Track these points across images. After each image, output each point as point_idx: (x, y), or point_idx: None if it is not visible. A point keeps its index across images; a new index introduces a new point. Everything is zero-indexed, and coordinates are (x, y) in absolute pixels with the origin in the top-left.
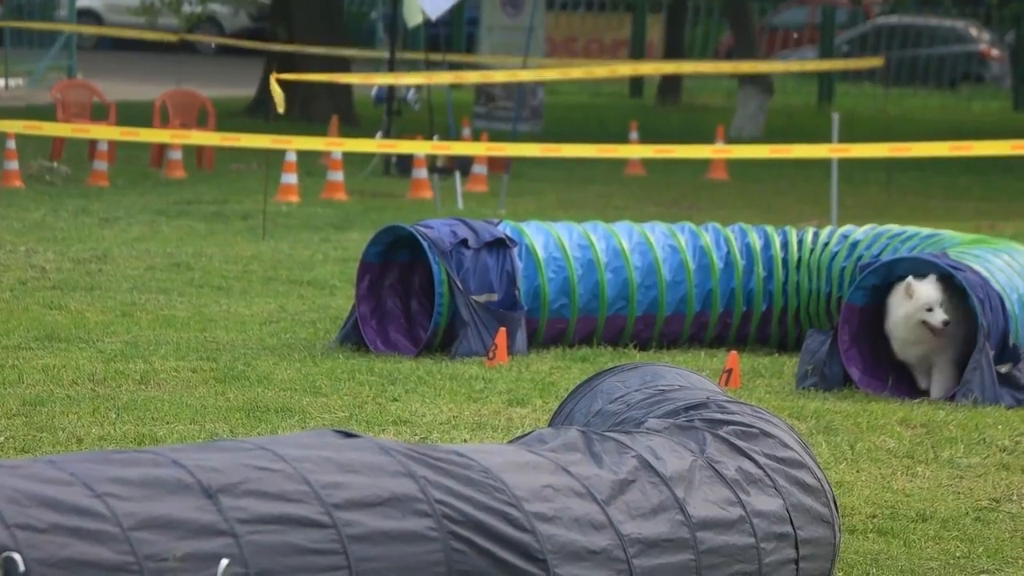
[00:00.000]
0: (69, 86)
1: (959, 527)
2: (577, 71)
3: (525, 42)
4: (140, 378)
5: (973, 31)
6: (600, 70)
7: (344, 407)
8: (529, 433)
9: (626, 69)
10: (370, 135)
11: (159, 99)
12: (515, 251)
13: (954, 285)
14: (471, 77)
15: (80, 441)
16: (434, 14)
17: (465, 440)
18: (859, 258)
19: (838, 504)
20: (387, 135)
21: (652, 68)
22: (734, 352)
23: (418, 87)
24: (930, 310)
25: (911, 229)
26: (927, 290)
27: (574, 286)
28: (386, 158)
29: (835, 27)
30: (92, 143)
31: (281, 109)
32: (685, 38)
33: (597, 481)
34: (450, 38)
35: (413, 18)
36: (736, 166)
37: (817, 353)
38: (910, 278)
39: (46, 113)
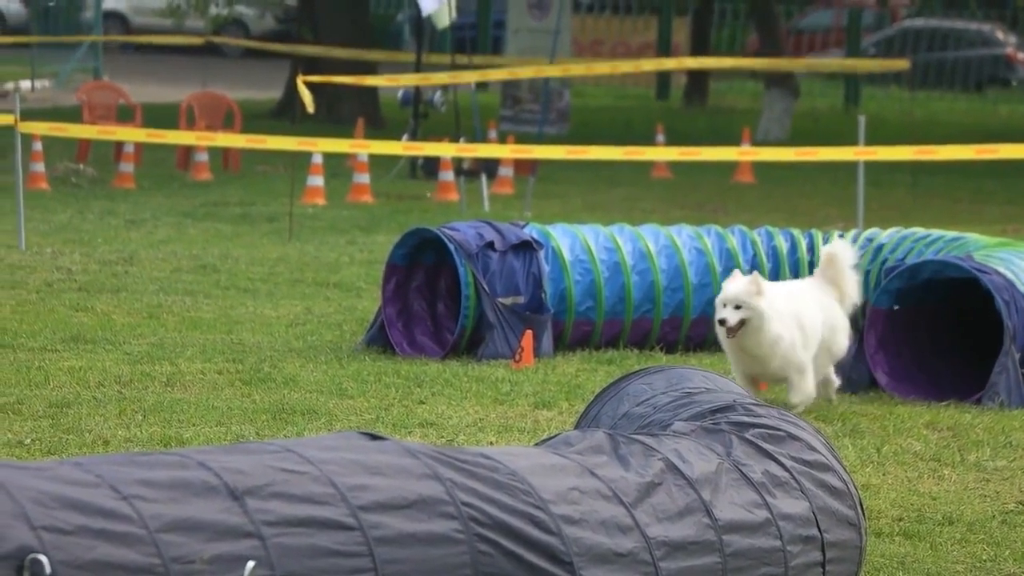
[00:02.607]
0: (95, 88)
1: (985, 530)
2: (602, 67)
3: (551, 45)
4: (166, 380)
5: (1000, 34)
6: (625, 65)
7: (370, 409)
8: (555, 436)
9: (650, 65)
10: (396, 137)
11: (185, 101)
12: (541, 254)
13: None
14: (497, 74)
15: (106, 443)
16: (427, 9)
17: (491, 443)
18: (884, 261)
19: (864, 507)
20: (413, 137)
21: (675, 63)
22: None
23: (444, 89)
24: (724, 306)
25: (936, 232)
26: (726, 286)
27: (600, 289)
28: (412, 160)
29: (861, 30)
30: (118, 145)
31: (311, 109)
32: (711, 41)
33: (623, 484)
34: (476, 41)
35: (441, 20)
36: (762, 169)
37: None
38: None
39: (72, 115)
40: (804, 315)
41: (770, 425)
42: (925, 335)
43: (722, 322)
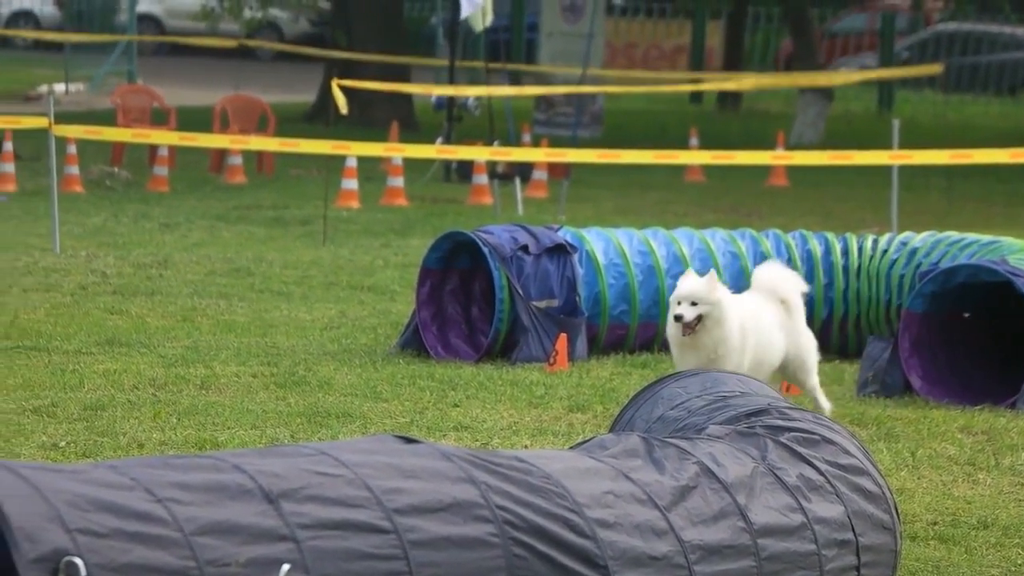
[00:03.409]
0: (129, 91)
1: (1020, 534)
2: (639, 88)
3: (585, 48)
4: (201, 383)
5: None
6: (662, 87)
7: (405, 412)
8: (590, 439)
9: (687, 87)
10: (430, 141)
11: (219, 104)
12: (575, 257)
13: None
14: (532, 91)
15: (141, 446)
16: (467, 11)
17: (526, 446)
18: (918, 265)
19: (899, 511)
20: (447, 141)
21: (712, 86)
22: None
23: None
24: (679, 304)
25: (970, 236)
26: (681, 283)
27: (634, 292)
28: (446, 164)
29: (895, 33)
30: (152, 148)
31: (344, 110)
32: (745, 45)
33: (658, 487)
34: (510, 44)
35: (478, 23)
36: (796, 172)
37: (878, 360)
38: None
39: (106, 118)
40: (750, 329)
41: (805, 429)
42: (959, 339)
43: (678, 318)
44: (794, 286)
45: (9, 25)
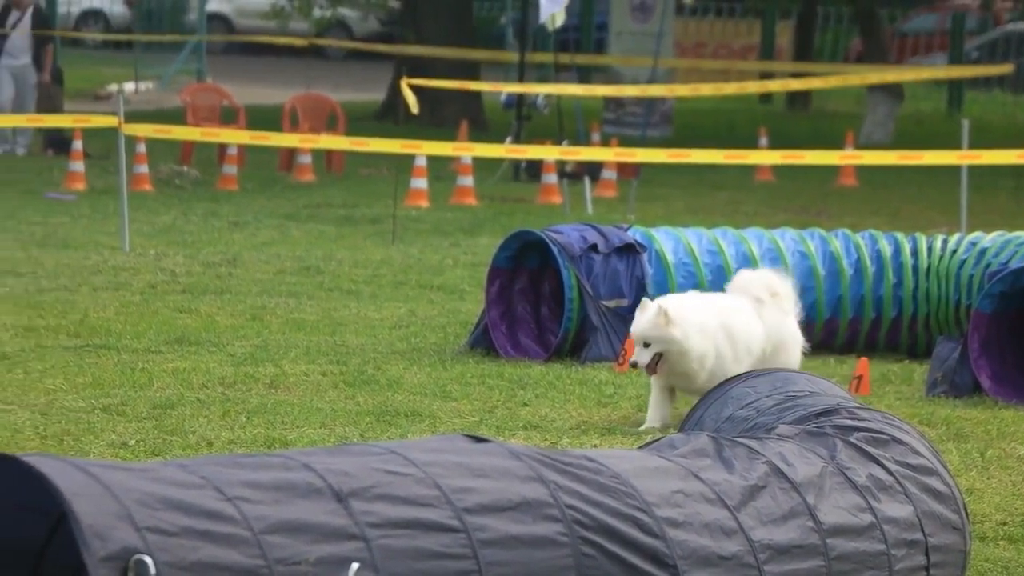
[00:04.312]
0: (199, 90)
1: None
2: (707, 88)
3: (654, 48)
4: (270, 382)
5: None
6: (729, 87)
7: (474, 412)
8: (659, 439)
9: (755, 87)
10: (499, 140)
11: (289, 103)
12: (645, 256)
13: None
14: (601, 91)
15: (210, 444)
16: (546, 13)
17: (595, 445)
18: (987, 265)
19: (968, 511)
20: (517, 140)
21: (780, 85)
22: (864, 359)
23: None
24: (635, 344)
25: None
26: (634, 322)
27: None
28: (516, 163)
29: (965, 33)
30: (222, 147)
31: (415, 110)
32: (815, 44)
33: (727, 487)
34: (579, 43)
35: (555, 22)
36: (865, 172)
37: (947, 361)
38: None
39: (176, 117)
40: (737, 327)
41: (874, 429)
42: None
43: (634, 365)
44: (766, 285)
45: (79, 24)
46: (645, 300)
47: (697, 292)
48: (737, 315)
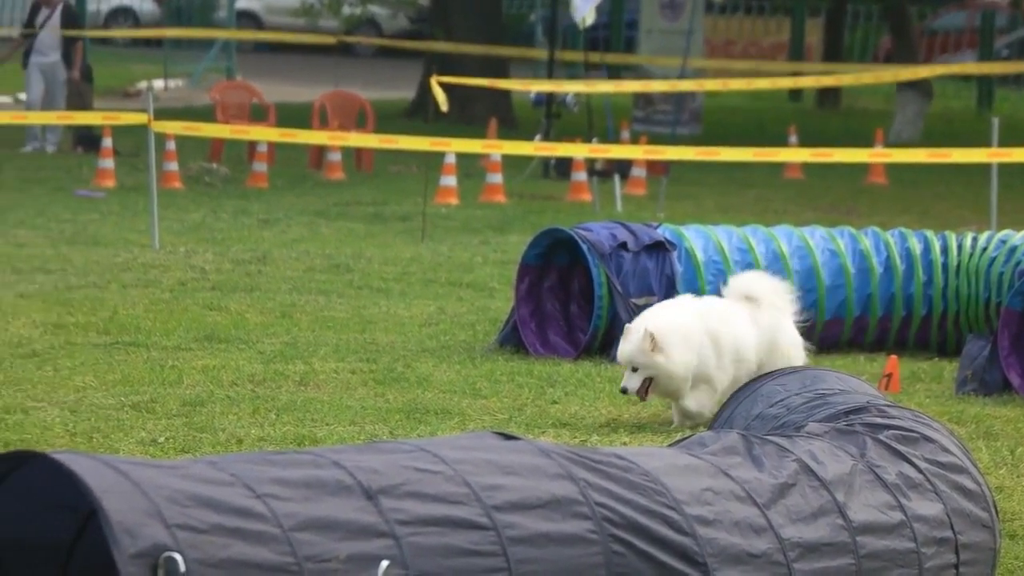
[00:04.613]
0: (228, 87)
1: None
2: (737, 82)
3: (684, 45)
4: (300, 379)
5: None
6: (761, 82)
7: (504, 409)
8: (689, 436)
9: (786, 82)
10: (529, 137)
11: (318, 100)
12: (674, 254)
13: None
14: (631, 87)
15: (240, 442)
16: (581, 12)
17: (625, 443)
18: (1018, 263)
19: (998, 509)
20: (546, 137)
21: (812, 81)
22: (894, 356)
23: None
24: (624, 369)
25: None
26: (620, 347)
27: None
28: (545, 160)
29: (994, 31)
30: (251, 144)
31: (445, 108)
32: (844, 42)
33: (757, 485)
34: (609, 41)
35: (587, 19)
36: (895, 170)
37: (977, 359)
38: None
39: (205, 114)
40: (723, 334)
41: (904, 427)
42: None
43: (624, 391)
44: (768, 290)
45: (108, 21)
46: (628, 326)
47: (689, 297)
48: (726, 321)
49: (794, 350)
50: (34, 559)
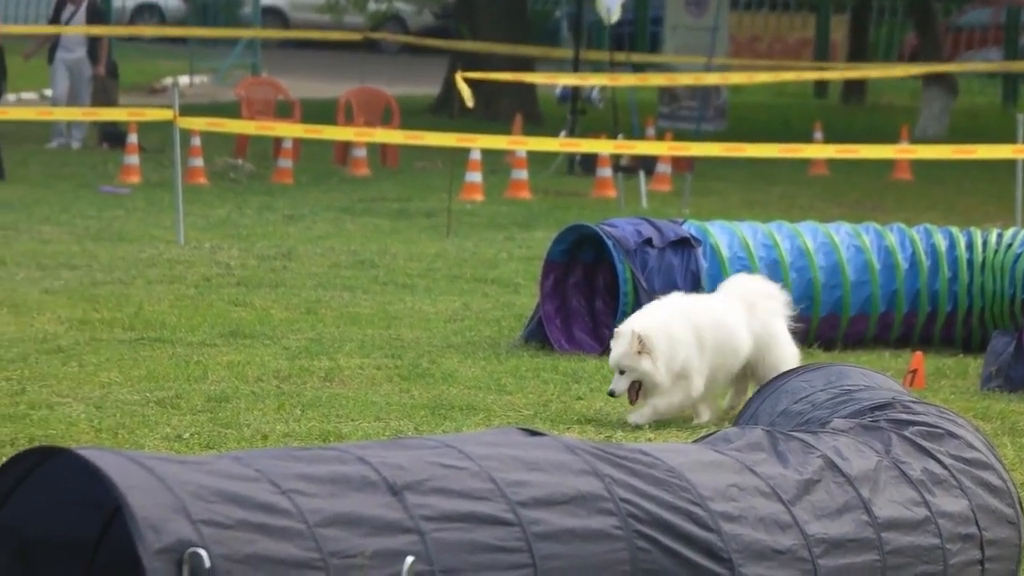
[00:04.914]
0: (254, 83)
1: None
2: (763, 75)
3: (709, 42)
4: (325, 375)
5: None
6: (787, 75)
7: (529, 405)
8: (714, 432)
9: (812, 75)
10: (554, 134)
11: (343, 97)
12: (699, 250)
13: None
14: (656, 80)
15: (265, 437)
16: (612, 9)
17: (650, 439)
18: None
19: None
20: (571, 134)
21: (838, 74)
22: (919, 353)
23: (603, 86)
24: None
25: None
26: (612, 348)
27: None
28: (570, 157)
29: (1020, 27)
30: (277, 140)
31: (470, 104)
32: (869, 38)
33: (782, 481)
34: (634, 38)
35: (613, 16)
36: (920, 167)
37: (1002, 355)
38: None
39: (231, 110)
40: (707, 333)
41: (929, 423)
42: None
43: (611, 394)
44: (763, 292)
45: (134, 18)
46: (617, 329)
47: (679, 295)
48: (715, 321)
49: (787, 353)
50: (59, 555)
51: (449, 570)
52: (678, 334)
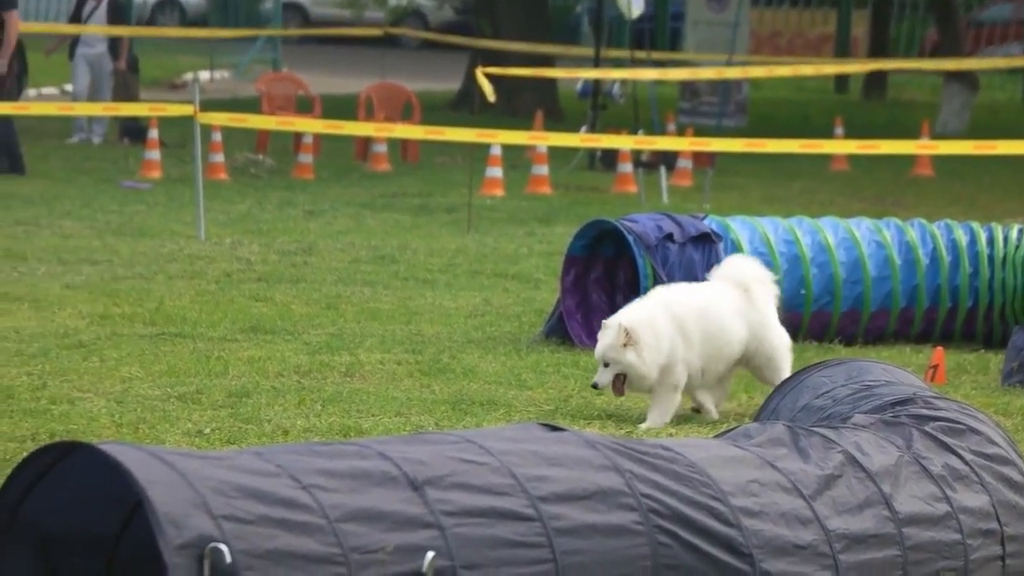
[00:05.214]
0: (274, 79)
1: None
2: (783, 69)
3: (730, 37)
4: (345, 370)
5: None
6: (807, 69)
7: (549, 400)
8: (735, 428)
9: (832, 68)
10: (575, 129)
11: (364, 92)
12: (720, 246)
13: None
14: (677, 74)
15: (286, 433)
16: (637, 7)
17: (670, 434)
18: None
19: None
20: (592, 129)
21: (857, 67)
22: (940, 348)
23: (623, 82)
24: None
25: None
26: (599, 340)
27: (779, 281)
28: (591, 152)
29: None
30: (297, 136)
31: (492, 98)
32: (890, 34)
33: (803, 476)
34: (655, 34)
35: (634, 11)
36: (941, 162)
37: (1023, 350)
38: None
39: (251, 106)
40: (691, 325)
41: (950, 418)
42: None
43: (595, 386)
44: (757, 276)
45: (155, 13)
46: (605, 322)
47: (664, 287)
48: (700, 311)
49: (779, 340)
50: (80, 550)
51: (470, 565)
52: (661, 326)
